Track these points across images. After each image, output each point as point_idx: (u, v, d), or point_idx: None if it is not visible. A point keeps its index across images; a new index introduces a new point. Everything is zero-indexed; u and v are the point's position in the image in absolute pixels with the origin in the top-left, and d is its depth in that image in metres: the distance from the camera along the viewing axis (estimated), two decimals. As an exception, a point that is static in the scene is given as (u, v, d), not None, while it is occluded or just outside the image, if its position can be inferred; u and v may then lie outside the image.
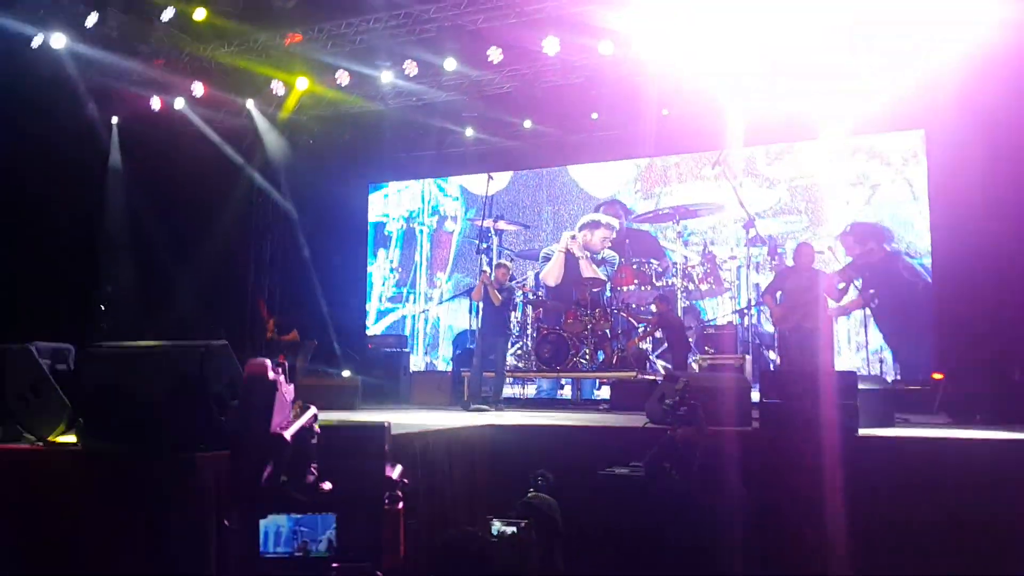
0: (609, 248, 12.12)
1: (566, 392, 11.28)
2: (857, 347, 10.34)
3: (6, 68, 9.12)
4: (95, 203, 10.58)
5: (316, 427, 2.78)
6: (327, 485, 2.88)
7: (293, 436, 2.61)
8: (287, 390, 2.59)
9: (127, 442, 3.42)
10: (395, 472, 3.30)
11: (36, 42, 9.51)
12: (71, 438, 3.97)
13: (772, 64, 9.77)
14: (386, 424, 3.50)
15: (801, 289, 7.54)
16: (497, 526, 4.54)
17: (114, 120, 11.28)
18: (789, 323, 7.57)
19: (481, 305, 9.13)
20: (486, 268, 9.04)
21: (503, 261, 10.04)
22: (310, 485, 2.82)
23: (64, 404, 4.10)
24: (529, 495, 4.98)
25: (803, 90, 10.27)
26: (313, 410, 2.85)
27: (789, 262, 8.39)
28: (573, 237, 12.10)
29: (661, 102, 10.91)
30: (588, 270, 11.71)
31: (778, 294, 7.92)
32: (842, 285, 7.80)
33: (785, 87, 10.15)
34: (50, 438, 4.07)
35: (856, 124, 10.57)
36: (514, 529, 4.54)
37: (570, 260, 11.61)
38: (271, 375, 2.56)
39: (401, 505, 3.26)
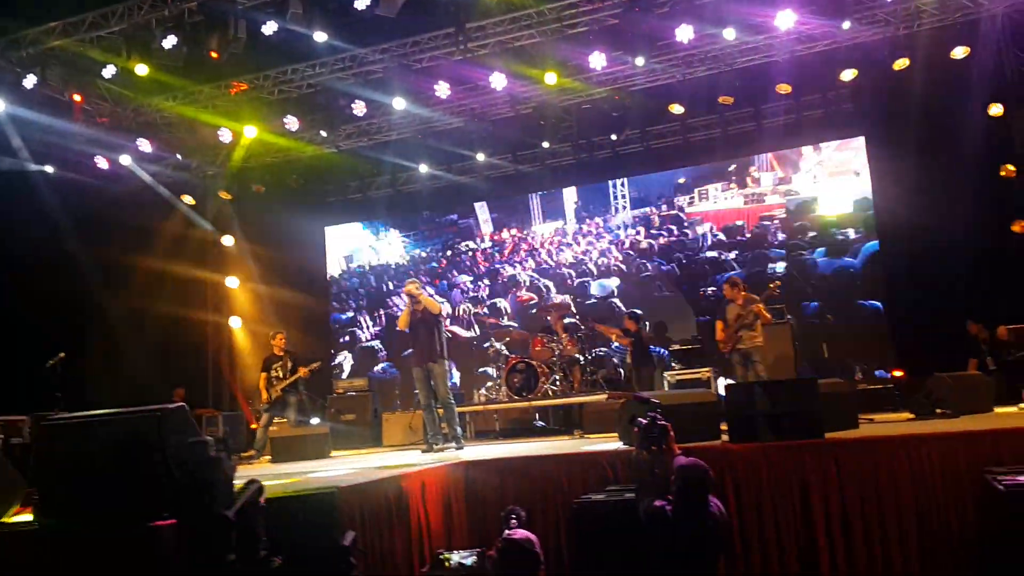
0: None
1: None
2: (817, 352, 10.53)
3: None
4: (42, 268, 10.34)
5: (262, 500, 2.72)
6: (277, 560, 2.80)
7: (237, 513, 2.55)
8: (228, 466, 2.53)
9: (87, 516, 3.31)
10: (348, 539, 3.22)
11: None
12: (28, 516, 3.83)
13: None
14: (335, 490, 3.41)
15: (734, 317, 8.64)
16: (455, 558, 4.50)
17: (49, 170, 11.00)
18: (728, 347, 8.70)
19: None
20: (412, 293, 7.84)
21: (411, 278, 8.60)
22: (260, 562, 2.75)
23: (20, 481, 3.97)
24: (506, 533, 4.94)
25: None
26: (257, 484, 2.78)
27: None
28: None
29: (611, 128, 11.13)
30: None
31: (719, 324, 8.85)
32: (761, 305, 8.55)
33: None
34: (4, 518, 3.93)
35: (802, 137, 10.97)
36: (473, 559, 4.50)
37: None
38: (211, 452, 2.51)
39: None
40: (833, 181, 11.14)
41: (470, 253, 13.22)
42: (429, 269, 13.33)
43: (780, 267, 11.18)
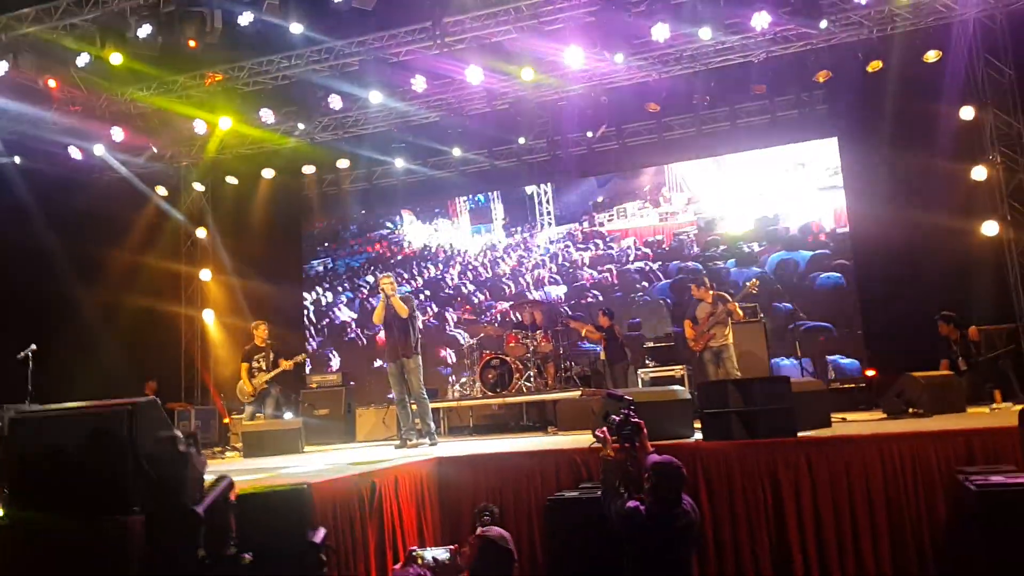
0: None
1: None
2: (790, 352, 10.63)
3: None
4: (12, 259, 10.13)
5: (232, 496, 2.69)
6: (248, 557, 2.78)
7: (207, 509, 2.51)
8: (199, 461, 2.49)
9: (56, 509, 3.25)
10: (318, 536, 3.19)
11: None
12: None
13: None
14: (306, 486, 3.37)
15: (706, 315, 8.73)
16: (428, 555, 4.50)
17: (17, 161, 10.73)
18: (700, 345, 8.77)
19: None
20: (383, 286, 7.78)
21: (386, 274, 8.54)
22: (230, 559, 2.72)
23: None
24: (480, 530, 4.94)
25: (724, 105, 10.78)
26: (228, 479, 2.75)
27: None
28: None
29: (584, 125, 11.14)
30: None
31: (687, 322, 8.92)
32: (734, 303, 8.69)
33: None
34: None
35: (776, 137, 11.07)
36: (446, 555, 4.50)
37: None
38: (181, 448, 2.46)
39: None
40: (737, 200, 11.61)
41: (402, 268, 13.25)
42: (363, 283, 13.37)
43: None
